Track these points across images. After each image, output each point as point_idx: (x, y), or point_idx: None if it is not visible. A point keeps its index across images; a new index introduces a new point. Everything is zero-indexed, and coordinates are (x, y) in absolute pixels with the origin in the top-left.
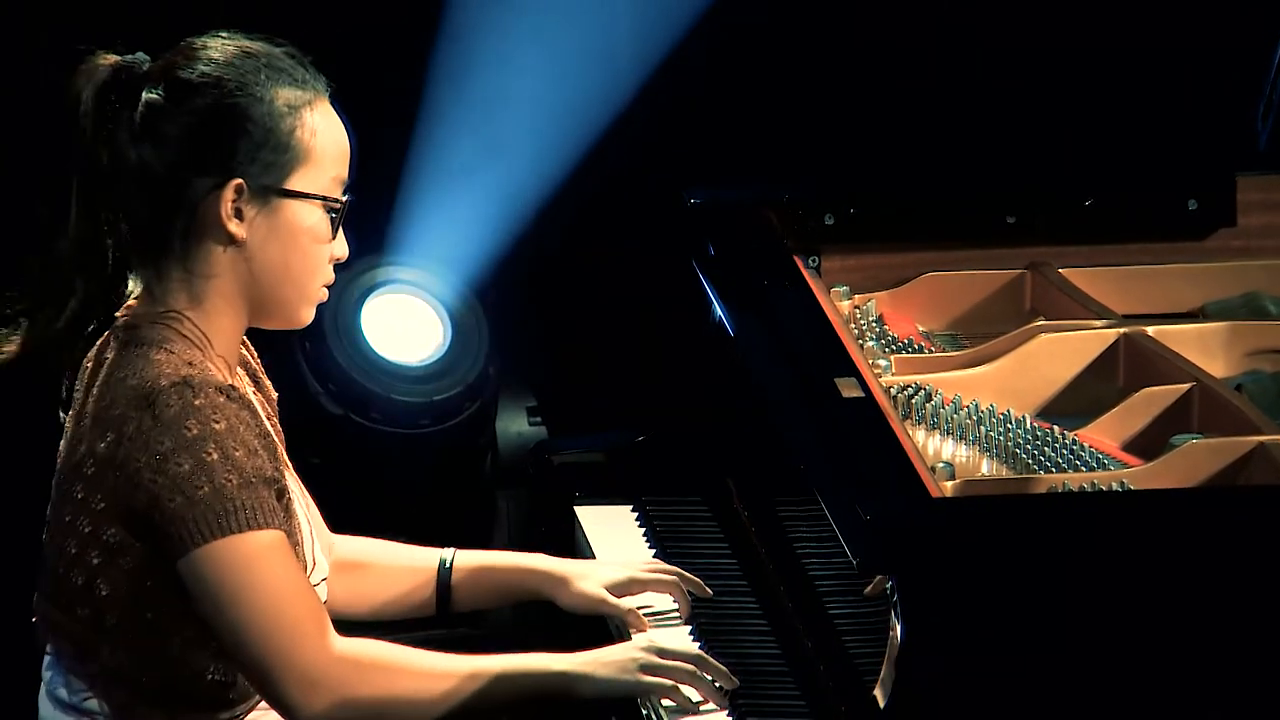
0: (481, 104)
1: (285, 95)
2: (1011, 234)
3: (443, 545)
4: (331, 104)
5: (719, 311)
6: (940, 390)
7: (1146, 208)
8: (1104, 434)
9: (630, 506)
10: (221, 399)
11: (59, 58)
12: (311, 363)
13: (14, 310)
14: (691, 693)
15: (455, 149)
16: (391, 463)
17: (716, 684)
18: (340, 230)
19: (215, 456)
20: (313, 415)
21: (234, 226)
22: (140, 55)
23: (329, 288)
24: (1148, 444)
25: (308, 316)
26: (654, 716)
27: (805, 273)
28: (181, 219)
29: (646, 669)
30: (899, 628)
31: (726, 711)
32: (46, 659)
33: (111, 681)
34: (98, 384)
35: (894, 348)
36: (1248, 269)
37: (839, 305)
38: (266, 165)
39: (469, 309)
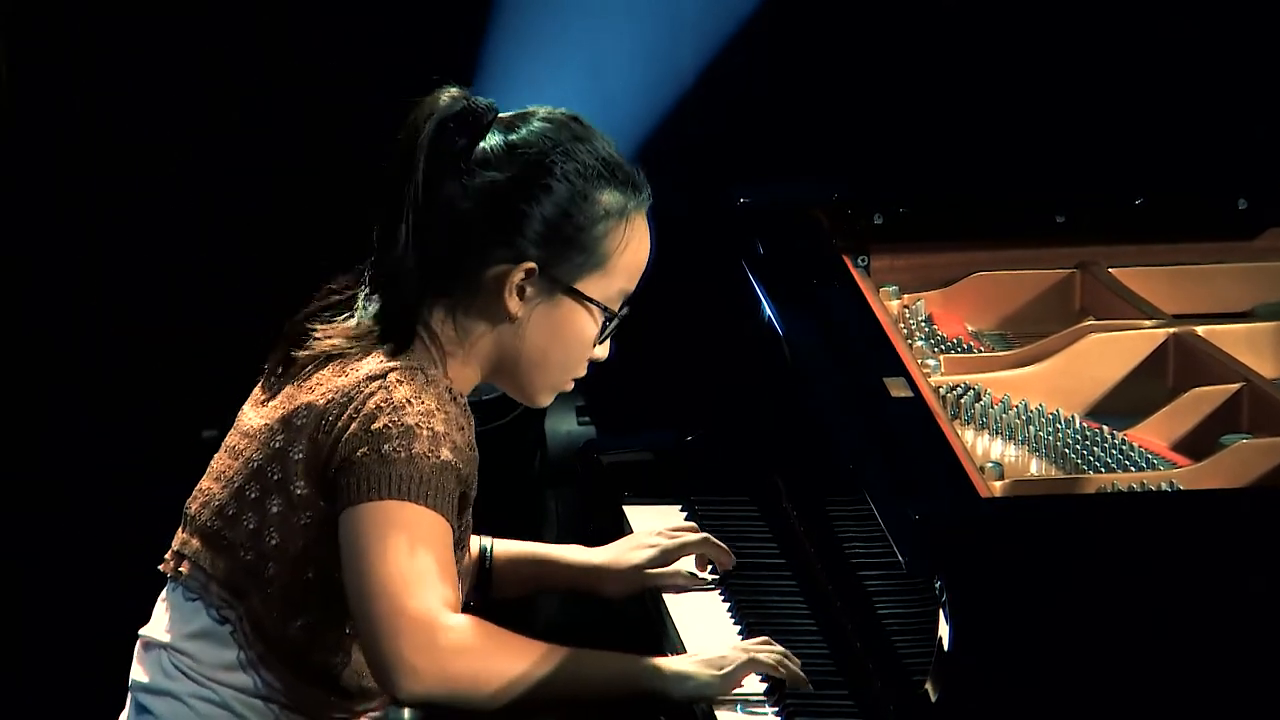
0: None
1: (608, 199)
2: (1061, 233)
3: None
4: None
5: (768, 311)
6: (989, 390)
7: (1196, 207)
8: (1153, 434)
9: (679, 506)
10: (448, 396)
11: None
12: None
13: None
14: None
15: None
16: None
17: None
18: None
19: (425, 433)
20: None
21: (512, 303)
22: (488, 101)
23: (576, 380)
24: (1197, 444)
25: (546, 401)
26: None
27: (854, 272)
28: (471, 273)
29: (740, 662)
30: (947, 627)
31: (775, 711)
32: (158, 612)
33: (253, 630)
34: (332, 363)
35: (943, 347)
36: None
37: (888, 305)
38: (565, 260)
39: None
